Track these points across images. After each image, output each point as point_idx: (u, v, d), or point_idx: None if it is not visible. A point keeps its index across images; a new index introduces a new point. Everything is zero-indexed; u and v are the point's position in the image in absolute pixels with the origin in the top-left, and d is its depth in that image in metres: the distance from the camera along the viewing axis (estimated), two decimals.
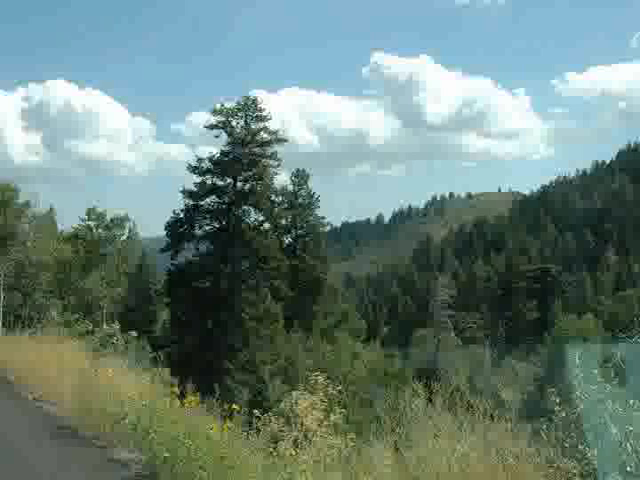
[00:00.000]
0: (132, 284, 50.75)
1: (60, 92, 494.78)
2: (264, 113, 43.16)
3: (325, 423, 5.29)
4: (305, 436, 5.14)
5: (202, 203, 42.07)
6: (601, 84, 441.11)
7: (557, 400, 4.12)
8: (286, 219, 49.91)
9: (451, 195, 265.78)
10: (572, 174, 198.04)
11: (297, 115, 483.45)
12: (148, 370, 8.30)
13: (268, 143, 42.83)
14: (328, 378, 5.74)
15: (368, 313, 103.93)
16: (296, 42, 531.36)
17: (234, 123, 42.86)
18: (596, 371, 3.84)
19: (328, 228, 58.44)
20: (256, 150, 42.05)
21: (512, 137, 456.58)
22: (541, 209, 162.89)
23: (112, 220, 46.13)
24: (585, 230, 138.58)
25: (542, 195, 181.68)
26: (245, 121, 42.94)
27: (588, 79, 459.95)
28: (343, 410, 5.58)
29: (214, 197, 42.01)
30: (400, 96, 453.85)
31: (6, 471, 6.11)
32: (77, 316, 14.96)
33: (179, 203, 42.07)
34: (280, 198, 47.60)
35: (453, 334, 69.12)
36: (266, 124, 43.14)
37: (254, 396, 31.91)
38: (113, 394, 7.22)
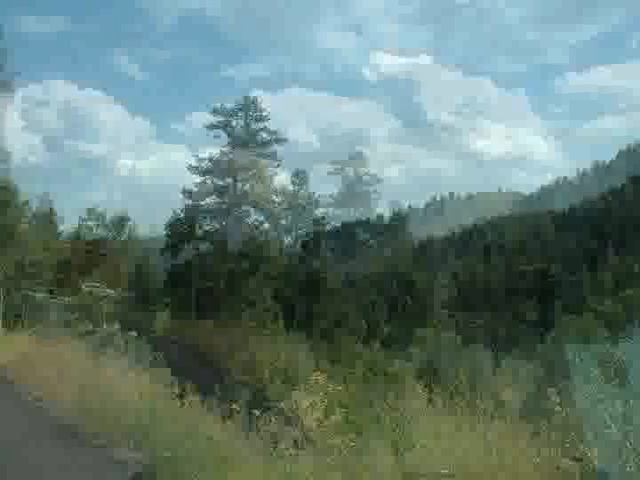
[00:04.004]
0: (132, 284, 50.67)
1: (60, 92, 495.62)
2: (264, 113, 43.21)
3: (325, 423, 5.28)
4: (305, 436, 5.13)
5: (202, 203, 42.07)
6: (601, 84, 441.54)
7: (557, 400, 4.12)
8: (286, 219, 49.90)
9: (451, 195, 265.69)
10: (572, 174, 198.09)
11: (297, 115, 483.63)
12: (148, 370, 8.28)
13: (268, 143, 42.82)
14: (328, 378, 5.73)
15: (368, 313, 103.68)
16: None
17: (234, 123, 42.89)
18: (596, 371, 3.84)
19: (328, 228, 58.44)
20: (256, 150, 42.04)
21: (512, 137, 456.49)
22: (541, 209, 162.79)
23: (112, 220, 46.11)
24: (585, 230, 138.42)
25: (542, 195, 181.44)
26: (245, 121, 42.93)
27: (588, 79, 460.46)
28: (343, 410, 5.57)
29: (214, 197, 42.02)
30: (400, 96, 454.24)
31: (6, 471, 6.10)
32: (77, 316, 14.93)
33: (179, 203, 42.10)
34: (280, 198, 47.61)
35: (453, 334, 69.01)
36: (266, 124, 43.20)
37: (254, 396, 31.86)
38: (113, 394, 7.21)
